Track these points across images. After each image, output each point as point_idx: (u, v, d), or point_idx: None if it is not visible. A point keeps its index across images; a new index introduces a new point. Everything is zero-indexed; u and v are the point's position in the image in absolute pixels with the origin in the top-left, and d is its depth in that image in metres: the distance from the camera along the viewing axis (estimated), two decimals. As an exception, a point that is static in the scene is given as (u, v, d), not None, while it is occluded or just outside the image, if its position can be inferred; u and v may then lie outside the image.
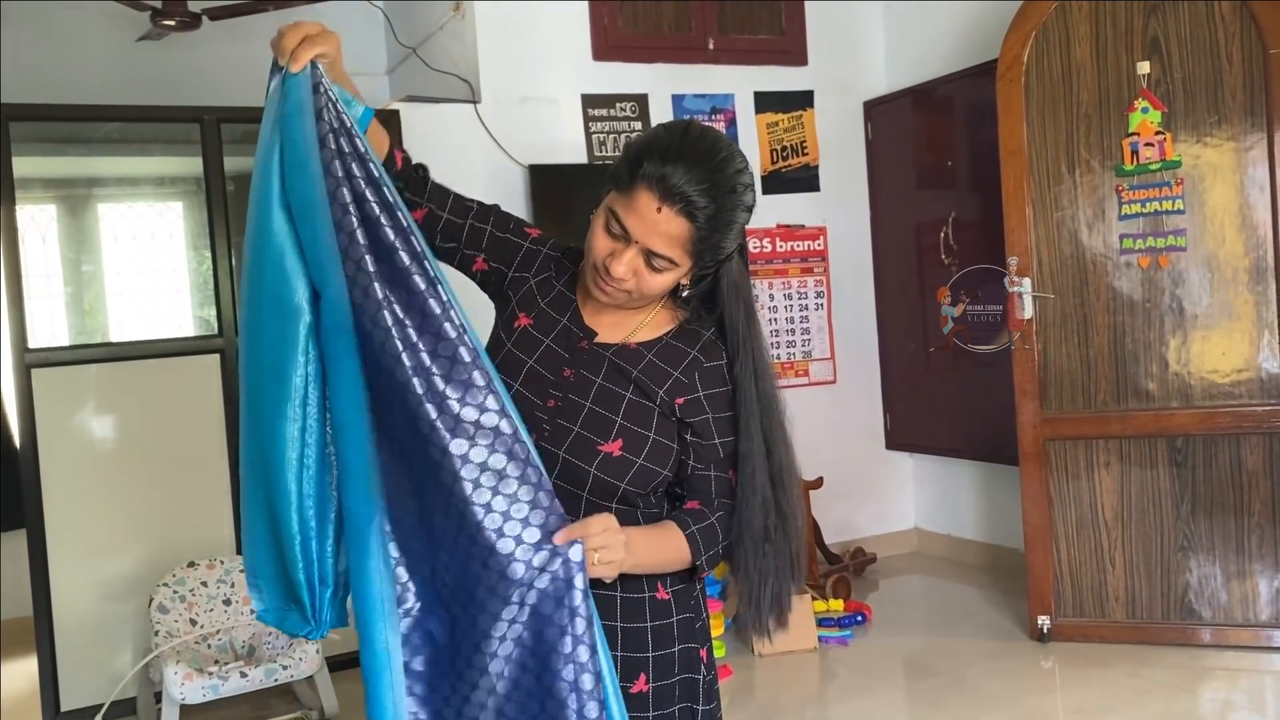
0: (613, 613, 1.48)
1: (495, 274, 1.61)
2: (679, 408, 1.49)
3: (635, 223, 1.40)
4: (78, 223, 4.79)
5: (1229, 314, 3.65)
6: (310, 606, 1.39)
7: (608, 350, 1.51)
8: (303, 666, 3.38)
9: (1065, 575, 3.89)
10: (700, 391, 1.50)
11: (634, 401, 1.48)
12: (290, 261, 1.33)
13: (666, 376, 1.49)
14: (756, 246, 4.98)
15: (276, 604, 1.42)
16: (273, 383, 1.35)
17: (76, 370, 3.74)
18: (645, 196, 1.39)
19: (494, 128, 4.40)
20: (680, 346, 1.52)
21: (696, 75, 4.84)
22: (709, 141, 1.41)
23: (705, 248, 1.42)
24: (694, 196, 1.37)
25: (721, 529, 1.51)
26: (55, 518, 3.64)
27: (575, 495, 1.47)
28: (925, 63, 4.96)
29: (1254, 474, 3.63)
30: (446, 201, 1.60)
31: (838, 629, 4.13)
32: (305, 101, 1.32)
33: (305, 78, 1.33)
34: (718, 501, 1.51)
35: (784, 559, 1.53)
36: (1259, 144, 3.57)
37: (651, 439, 1.47)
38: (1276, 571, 3.62)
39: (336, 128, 1.33)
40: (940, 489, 5.20)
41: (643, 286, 1.45)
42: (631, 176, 1.40)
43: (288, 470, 1.35)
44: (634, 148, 1.43)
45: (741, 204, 1.43)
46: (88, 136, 4.33)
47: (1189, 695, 3.42)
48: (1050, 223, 3.86)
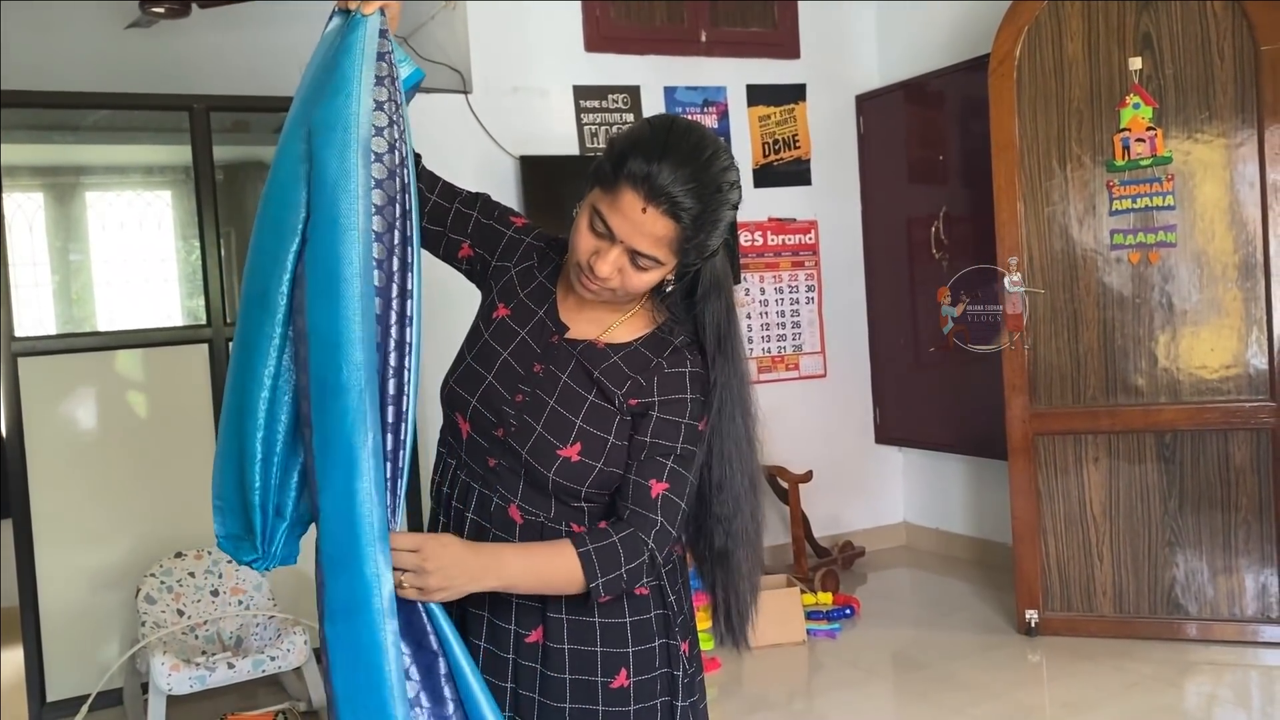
0: (590, 608, 1.47)
1: (479, 261, 1.60)
2: (632, 407, 1.46)
3: (620, 223, 1.37)
4: (65, 211, 4.76)
5: (1218, 310, 3.66)
6: (261, 533, 1.35)
7: (576, 348, 1.49)
8: (290, 658, 3.37)
9: (1053, 569, 3.91)
10: (655, 396, 1.47)
11: (595, 404, 1.46)
12: (295, 186, 1.33)
13: (626, 379, 1.47)
14: (748, 240, 4.97)
15: (236, 530, 1.38)
16: (258, 299, 1.35)
17: (63, 359, 3.72)
18: (630, 196, 1.35)
19: (485, 118, 4.39)
20: (647, 354, 1.49)
21: (688, 68, 4.83)
22: (695, 138, 1.39)
23: (691, 246, 1.40)
24: (680, 197, 1.34)
25: (625, 550, 1.41)
26: (42, 508, 3.62)
27: (545, 494, 1.47)
28: (917, 57, 4.96)
29: (1241, 470, 3.64)
30: (435, 185, 1.61)
31: (826, 622, 4.13)
32: (367, 41, 1.36)
33: (375, 21, 1.37)
34: (630, 512, 1.44)
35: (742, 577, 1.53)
36: (1249, 140, 3.58)
37: (610, 442, 1.45)
38: (1262, 567, 3.64)
39: (393, 77, 1.38)
40: (929, 483, 5.21)
41: (627, 285, 1.42)
42: (616, 175, 1.36)
43: (260, 388, 1.34)
44: (618, 145, 1.39)
45: (728, 202, 1.40)
46: (75, 124, 4.30)
47: (1174, 689, 3.43)
48: (1041, 218, 3.86)
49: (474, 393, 1.49)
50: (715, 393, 1.49)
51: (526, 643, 1.48)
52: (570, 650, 1.47)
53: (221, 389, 3.86)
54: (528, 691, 1.48)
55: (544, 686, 1.48)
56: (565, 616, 1.47)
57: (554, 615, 1.47)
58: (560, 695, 1.47)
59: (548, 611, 1.47)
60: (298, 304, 1.32)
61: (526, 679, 1.48)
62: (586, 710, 1.48)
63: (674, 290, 1.50)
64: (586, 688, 1.48)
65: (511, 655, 1.48)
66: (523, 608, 1.48)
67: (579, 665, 1.48)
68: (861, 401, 5.30)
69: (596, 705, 1.48)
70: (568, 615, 1.47)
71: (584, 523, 1.48)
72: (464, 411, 1.50)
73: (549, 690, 1.48)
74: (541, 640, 1.47)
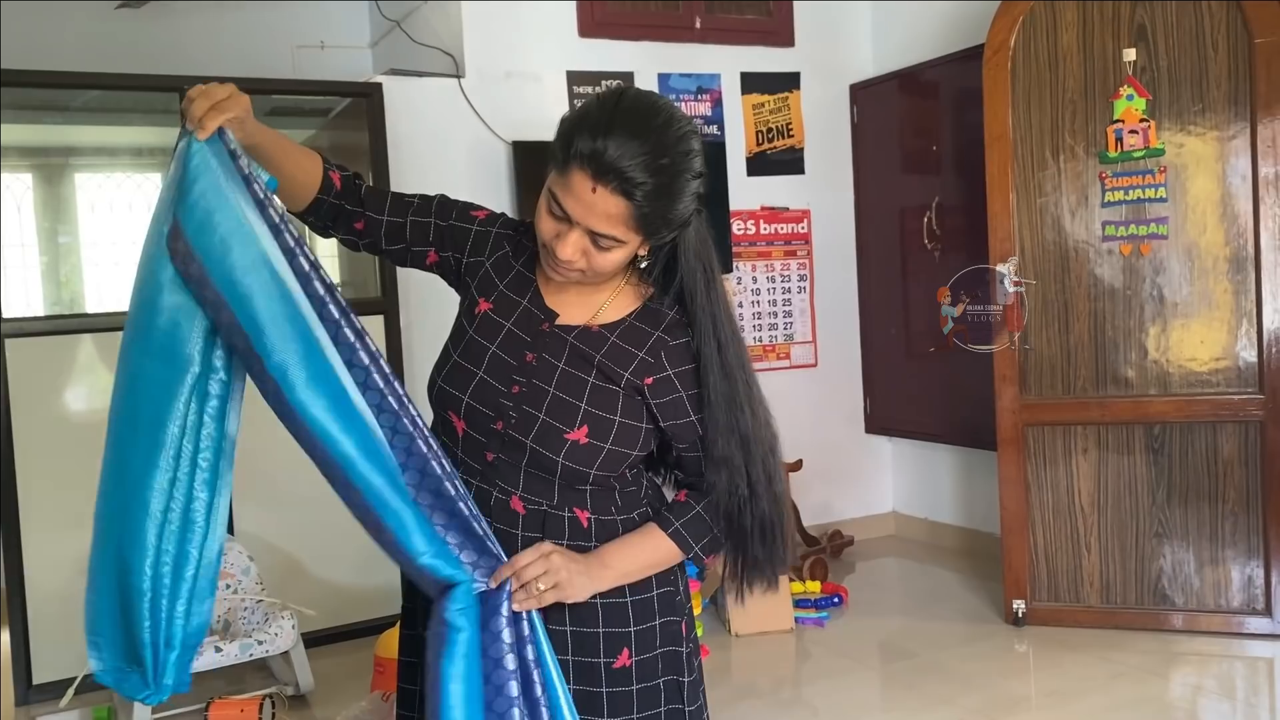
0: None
1: (450, 262, 1.59)
2: (648, 388, 1.46)
3: (573, 204, 1.35)
4: (54, 192, 4.73)
5: (1208, 303, 3.67)
6: (152, 668, 1.35)
7: (570, 334, 1.48)
8: (279, 642, 3.36)
9: (1041, 560, 3.92)
10: (669, 370, 1.47)
11: (598, 386, 1.46)
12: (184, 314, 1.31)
13: (631, 358, 1.46)
14: (740, 229, 4.97)
15: (116, 664, 1.38)
16: (148, 432, 1.32)
17: (52, 341, 3.70)
18: (579, 176, 1.32)
19: (478, 103, 4.37)
20: (643, 328, 1.49)
21: (683, 54, 4.81)
22: (644, 108, 1.34)
23: (653, 221, 1.36)
24: (630, 172, 1.30)
25: (710, 515, 1.50)
26: (29, 490, 3.60)
27: (547, 481, 1.46)
28: (912, 46, 4.95)
29: (1229, 462, 3.66)
30: (384, 205, 1.57)
31: (814, 610, 4.14)
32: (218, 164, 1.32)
33: (214, 143, 1.33)
34: (705, 482, 1.50)
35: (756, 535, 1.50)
36: (1242, 133, 3.58)
37: (617, 422, 1.45)
38: (1248, 559, 3.65)
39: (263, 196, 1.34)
40: (918, 473, 5.23)
41: (594, 265, 1.41)
42: (565, 155, 1.34)
43: (149, 522, 1.33)
44: (565, 124, 1.36)
45: (687, 170, 1.36)
46: (65, 104, 4.27)
47: (1160, 680, 3.45)
48: (1033, 209, 3.86)
49: (465, 390, 1.48)
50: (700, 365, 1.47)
51: None
52: (572, 632, 1.48)
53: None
54: None
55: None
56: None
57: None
58: (563, 678, 1.47)
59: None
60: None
61: None
62: (590, 692, 1.48)
63: (652, 265, 1.48)
64: (589, 669, 1.49)
65: None
66: None
67: (581, 647, 1.48)
68: (852, 391, 5.30)
69: (600, 687, 1.49)
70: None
71: (585, 507, 1.48)
72: (457, 409, 1.49)
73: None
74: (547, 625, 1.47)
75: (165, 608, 1.34)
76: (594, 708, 1.48)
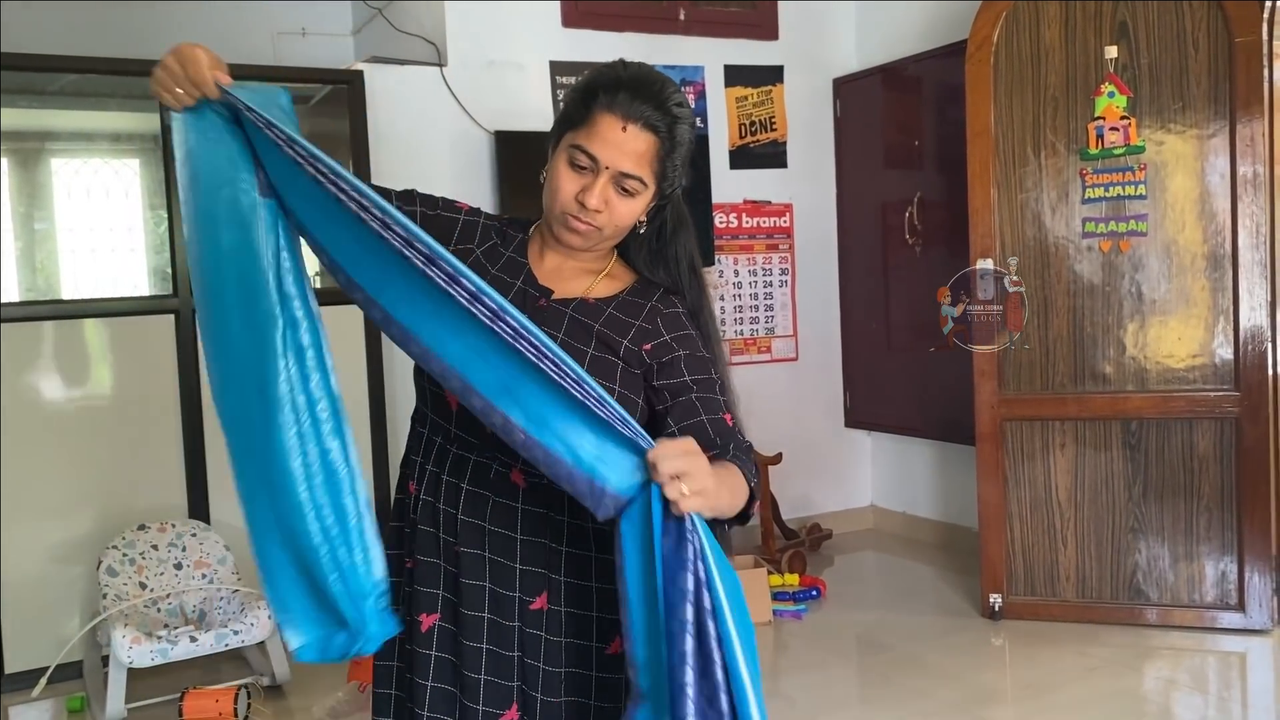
0: (588, 573, 1.49)
1: None
2: (646, 353, 1.48)
3: (601, 147, 1.43)
4: (30, 177, 4.67)
5: (1186, 300, 3.69)
6: (355, 618, 1.33)
7: (568, 306, 1.50)
8: (254, 632, 3.35)
9: (1018, 554, 3.94)
10: (666, 335, 1.50)
11: (596, 356, 1.46)
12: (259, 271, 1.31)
13: (629, 327, 1.49)
14: (723, 222, 4.96)
15: (317, 634, 1.35)
16: (258, 399, 1.31)
17: (27, 327, 3.66)
18: (608, 120, 1.43)
19: (460, 92, 4.34)
20: (637, 300, 1.52)
21: (667, 46, 4.80)
22: (646, 71, 1.48)
23: (667, 167, 1.48)
24: (655, 110, 1.44)
25: (745, 469, 1.39)
26: (2, 477, 3.56)
27: None
28: (896, 41, 4.95)
29: (1204, 458, 3.69)
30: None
31: (792, 603, 4.16)
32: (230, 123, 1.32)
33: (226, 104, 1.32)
34: (721, 443, 1.41)
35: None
36: (1221, 132, 3.60)
37: (617, 391, 1.46)
38: (1222, 554, 3.69)
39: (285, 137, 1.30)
40: (897, 467, 5.24)
41: (615, 217, 1.46)
42: (589, 107, 1.44)
43: (294, 482, 1.31)
44: (582, 85, 1.48)
45: (688, 120, 1.49)
46: (41, 88, 4.21)
47: (1134, 673, 3.48)
48: (1014, 204, 3.88)
49: None
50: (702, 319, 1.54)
51: (531, 610, 1.48)
52: (567, 614, 1.49)
53: (188, 360, 3.83)
54: (533, 660, 1.48)
55: (547, 652, 1.48)
56: (564, 579, 1.49)
57: (555, 578, 1.48)
58: (558, 660, 1.48)
59: (551, 575, 1.48)
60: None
61: (532, 647, 1.48)
62: (581, 675, 1.49)
63: (649, 231, 1.54)
64: (582, 652, 1.49)
65: (516, 623, 1.48)
66: (527, 573, 1.48)
67: (575, 629, 1.49)
68: (832, 385, 5.31)
69: (590, 671, 1.49)
70: (566, 579, 1.49)
71: None
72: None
73: (550, 656, 1.48)
74: (546, 605, 1.48)
75: (345, 557, 1.33)
76: (584, 689, 1.50)
